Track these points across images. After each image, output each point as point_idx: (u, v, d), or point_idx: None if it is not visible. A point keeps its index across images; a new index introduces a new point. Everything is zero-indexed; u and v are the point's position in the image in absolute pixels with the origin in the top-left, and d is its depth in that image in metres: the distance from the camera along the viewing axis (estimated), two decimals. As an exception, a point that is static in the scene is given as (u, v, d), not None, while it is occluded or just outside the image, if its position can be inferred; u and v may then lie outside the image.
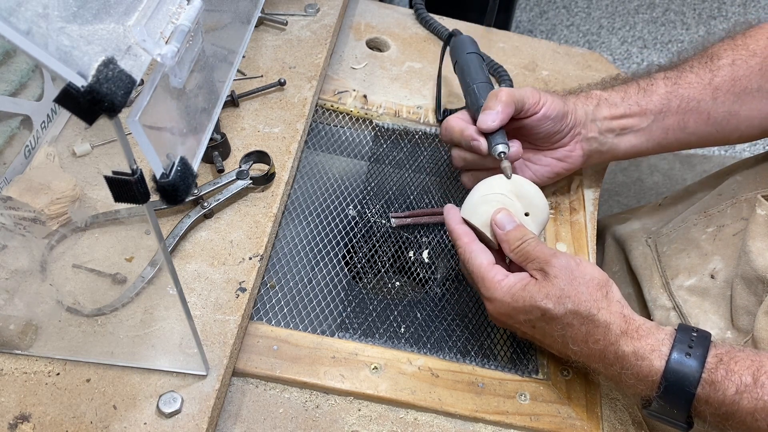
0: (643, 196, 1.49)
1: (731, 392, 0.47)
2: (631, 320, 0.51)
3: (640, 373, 0.50)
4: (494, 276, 0.55)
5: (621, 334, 0.51)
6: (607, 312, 0.51)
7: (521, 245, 0.56)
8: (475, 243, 0.58)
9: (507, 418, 0.56)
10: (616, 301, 0.52)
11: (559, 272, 0.53)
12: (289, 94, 0.74)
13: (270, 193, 0.65)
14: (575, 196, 0.74)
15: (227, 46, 0.47)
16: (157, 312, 0.54)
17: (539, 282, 0.53)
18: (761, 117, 0.67)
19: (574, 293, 0.52)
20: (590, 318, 0.51)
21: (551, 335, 0.54)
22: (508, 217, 0.58)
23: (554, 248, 0.56)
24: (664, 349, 0.50)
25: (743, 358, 0.48)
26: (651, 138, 0.69)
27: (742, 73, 0.66)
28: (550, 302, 0.52)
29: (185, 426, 0.49)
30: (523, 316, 0.54)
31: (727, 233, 0.66)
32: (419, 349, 0.60)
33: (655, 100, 0.67)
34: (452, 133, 0.67)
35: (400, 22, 0.92)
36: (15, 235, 0.57)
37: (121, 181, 0.33)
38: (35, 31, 0.28)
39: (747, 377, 0.47)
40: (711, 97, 0.66)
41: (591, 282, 0.52)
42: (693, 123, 0.68)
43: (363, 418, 0.55)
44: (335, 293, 0.64)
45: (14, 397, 0.49)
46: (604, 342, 0.51)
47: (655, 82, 0.68)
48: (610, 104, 0.68)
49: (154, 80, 0.34)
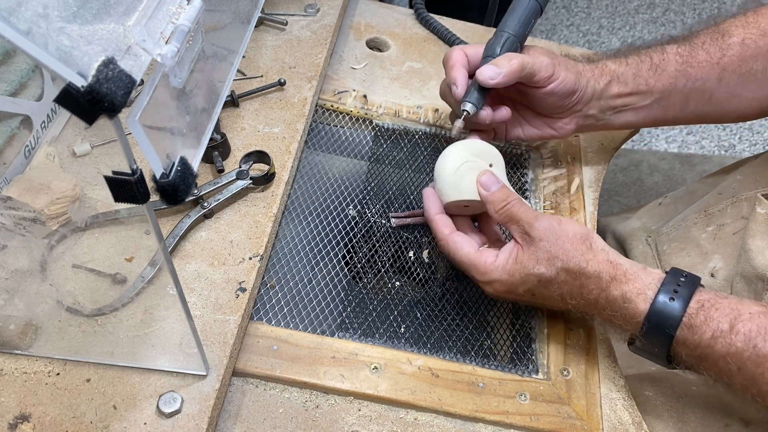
0: (643, 196, 1.49)
1: (707, 337, 0.50)
2: (618, 265, 0.54)
3: (627, 314, 0.53)
4: (485, 260, 0.58)
5: (611, 280, 0.53)
6: (595, 262, 0.54)
7: (506, 206, 0.58)
8: (456, 234, 0.61)
9: (507, 418, 0.56)
10: (600, 250, 0.55)
11: (544, 234, 0.55)
12: (289, 94, 0.74)
13: (270, 193, 0.65)
14: (575, 196, 0.74)
15: (227, 46, 0.47)
16: (157, 312, 0.54)
17: (527, 249, 0.56)
18: (762, 99, 0.67)
19: (562, 252, 0.54)
20: (581, 272, 0.54)
21: (551, 297, 0.57)
22: (493, 178, 0.60)
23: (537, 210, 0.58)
24: (650, 293, 0.52)
25: (724, 306, 0.50)
26: (649, 115, 0.70)
27: (750, 53, 0.65)
28: (542, 266, 0.55)
29: (185, 426, 0.49)
30: (522, 287, 0.57)
31: (727, 232, 0.67)
32: (419, 349, 0.60)
33: (664, 79, 0.67)
34: (447, 60, 0.66)
35: (400, 22, 0.92)
36: (15, 235, 0.57)
37: (121, 181, 0.33)
38: (35, 31, 0.28)
39: (724, 324, 0.49)
40: (717, 77, 0.66)
41: (575, 238, 0.55)
42: (694, 103, 0.68)
43: (363, 418, 0.55)
44: (335, 293, 0.64)
45: (14, 397, 0.49)
46: (597, 290, 0.54)
47: (667, 58, 0.67)
48: (621, 82, 0.67)
49: (154, 80, 0.34)
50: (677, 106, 0.68)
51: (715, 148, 1.80)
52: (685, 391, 0.64)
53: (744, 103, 0.67)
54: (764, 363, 0.48)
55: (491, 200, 0.59)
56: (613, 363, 0.61)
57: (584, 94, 0.66)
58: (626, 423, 0.58)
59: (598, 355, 0.62)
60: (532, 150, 0.79)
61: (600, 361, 0.61)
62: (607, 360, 0.62)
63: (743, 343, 0.48)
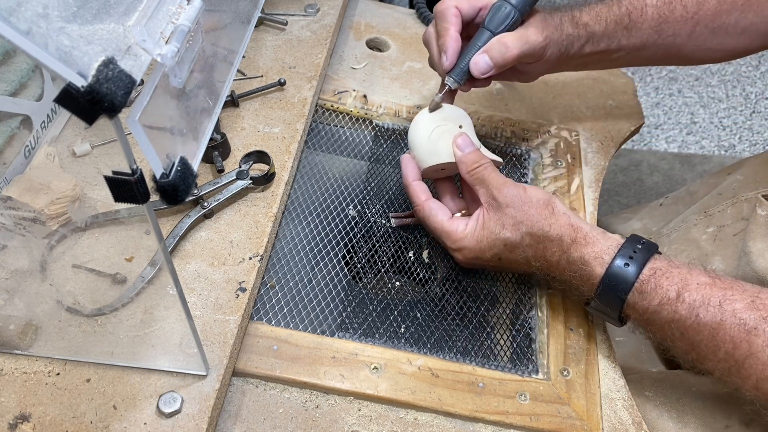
0: (643, 196, 1.49)
1: (655, 303, 0.53)
2: (579, 228, 0.57)
3: (584, 276, 0.56)
4: (456, 228, 0.61)
5: (571, 243, 0.56)
6: (557, 226, 0.57)
7: (477, 168, 0.61)
8: (431, 200, 0.64)
9: (507, 418, 0.56)
10: (562, 214, 0.58)
11: (511, 201, 0.58)
12: (289, 94, 0.74)
13: (270, 193, 0.65)
14: (575, 196, 0.74)
15: (227, 46, 0.47)
16: (157, 312, 0.54)
17: (493, 214, 0.59)
18: (724, 51, 0.69)
19: (526, 217, 0.57)
20: (544, 235, 0.57)
21: (516, 260, 0.60)
22: (467, 141, 0.63)
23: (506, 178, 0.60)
24: (607, 257, 0.55)
25: (675, 275, 0.53)
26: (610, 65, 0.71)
27: (725, 8, 0.66)
28: (508, 231, 0.58)
29: (185, 426, 0.49)
30: (489, 252, 0.60)
31: (728, 233, 0.67)
32: (419, 349, 0.60)
33: (636, 38, 0.67)
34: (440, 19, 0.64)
35: (400, 22, 0.92)
36: (15, 235, 0.57)
37: (121, 181, 0.33)
38: (35, 31, 0.28)
39: (672, 292, 0.52)
40: (688, 32, 0.67)
41: (538, 203, 0.58)
42: (660, 56, 0.70)
43: (363, 418, 0.55)
44: (335, 293, 0.64)
45: (14, 397, 0.49)
46: (558, 253, 0.57)
47: (645, 14, 0.67)
48: (594, 43, 0.67)
49: (154, 80, 0.34)
50: (643, 59, 0.70)
51: (715, 148, 1.80)
52: (685, 391, 0.64)
53: (706, 53, 0.69)
54: (704, 331, 0.51)
55: (464, 161, 0.62)
56: (613, 363, 0.61)
57: (561, 57, 0.67)
58: (626, 423, 0.57)
59: (598, 355, 0.62)
60: (532, 150, 0.79)
61: (600, 361, 0.61)
62: (607, 360, 0.62)
63: (687, 312, 0.51)
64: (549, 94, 0.86)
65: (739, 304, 0.50)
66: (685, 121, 1.87)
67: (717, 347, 0.50)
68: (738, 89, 1.98)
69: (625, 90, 0.89)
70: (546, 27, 0.64)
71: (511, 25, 0.63)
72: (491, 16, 0.64)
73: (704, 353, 0.51)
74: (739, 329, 0.49)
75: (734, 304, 0.50)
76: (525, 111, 0.83)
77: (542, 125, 0.81)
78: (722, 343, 0.50)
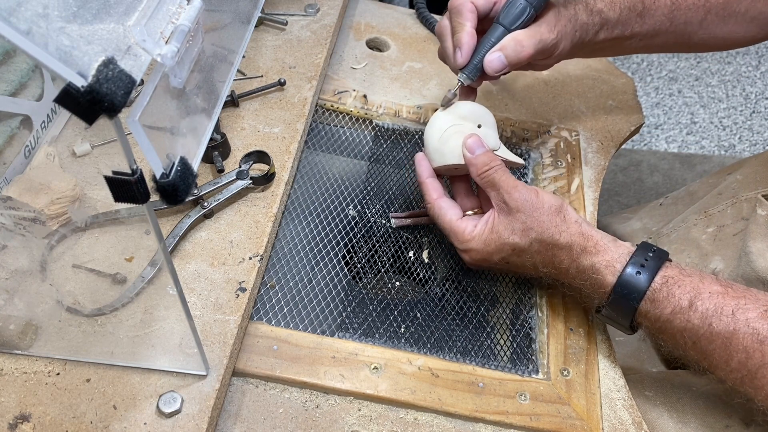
0: (643, 196, 1.49)
1: (667, 312, 0.52)
2: (590, 236, 0.56)
3: (595, 284, 0.56)
4: (465, 229, 0.60)
5: (581, 251, 0.56)
6: (567, 234, 0.56)
7: (488, 171, 0.59)
8: (443, 199, 0.63)
9: (507, 418, 0.56)
10: (573, 222, 0.57)
11: (522, 205, 0.57)
12: (289, 94, 0.74)
13: (270, 193, 0.65)
14: (575, 196, 0.74)
15: (227, 46, 0.47)
16: (157, 312, 0.54)
17: (503, 218, 0.58)
18: (733, 39, 0.69)
19: (537, 224, 0.56)
20: (554, 243, 0.56)
21: (523, 265, 0.60)
22: (478, 142, 0.61)
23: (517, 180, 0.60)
24: (618, 265, 0.55)
25: (687, 283, 0.53)
26: (620, 52, 0.71)
27: None
28: (517, 236, 0.57)
29: (185, 426, 0.49)
30: (497, 256, 0.59)
31: (728, 233, 0.67)
32: (419, 349, 0.60)
33: (649, 25, 0.67)
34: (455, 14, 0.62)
35: (400, 22, 0.92)
36: (15, 235, 0.57)
37: (121, 181, 0.33)
38: (35, 31, 0.28)
39: (684, 301, 0.52)
40: (699, 20, 0.67)
41: (550, 210, 0.57)
42: (671, 43, 0.70)
43: (363, 418, 0.55)
44: (335, 293, 0.64)
45: (14, 397, 0.49)
46: (568, 261, 0.56)
47: (659, 1, 0.67)
48: (608, 29, 0.67)
49: (154, 80, 0.34)
50: (655, 46, 0.70)
51: (715, 148, 1.80)
52: (685, 391, 0.64)
53: (719, 42, 0.69)
54: (716, 340, 0.50)
55: (474, 163, 0.60)
56: (613, 363, 0.61)
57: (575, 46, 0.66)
58: (626, 423, 0.58)
59: (598, 355, 0.62)
60: (532, 150, 0.79)
61: (600, 361, 0.61)
62: (607, 360, 0.62)
63: (699, 321, 0.51)
64: (549, 94, 0.86)
65: (752, 314, 0.50)
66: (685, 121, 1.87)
67: (730, 357, 0.50)
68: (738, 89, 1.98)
69: (625, 90, 0.89)
70: (558, 22, 0.63)
71: (526, 22, 0.62)
72: (506, 11, 0.63)
73: (717, 362, 0.51)
74: (753, 339, 0.49)
75: (747, 313, 0.50)
76: (525, 111, 0.83)
77: (542, 125, 0.81)
78: (735, 352, 0.50)
